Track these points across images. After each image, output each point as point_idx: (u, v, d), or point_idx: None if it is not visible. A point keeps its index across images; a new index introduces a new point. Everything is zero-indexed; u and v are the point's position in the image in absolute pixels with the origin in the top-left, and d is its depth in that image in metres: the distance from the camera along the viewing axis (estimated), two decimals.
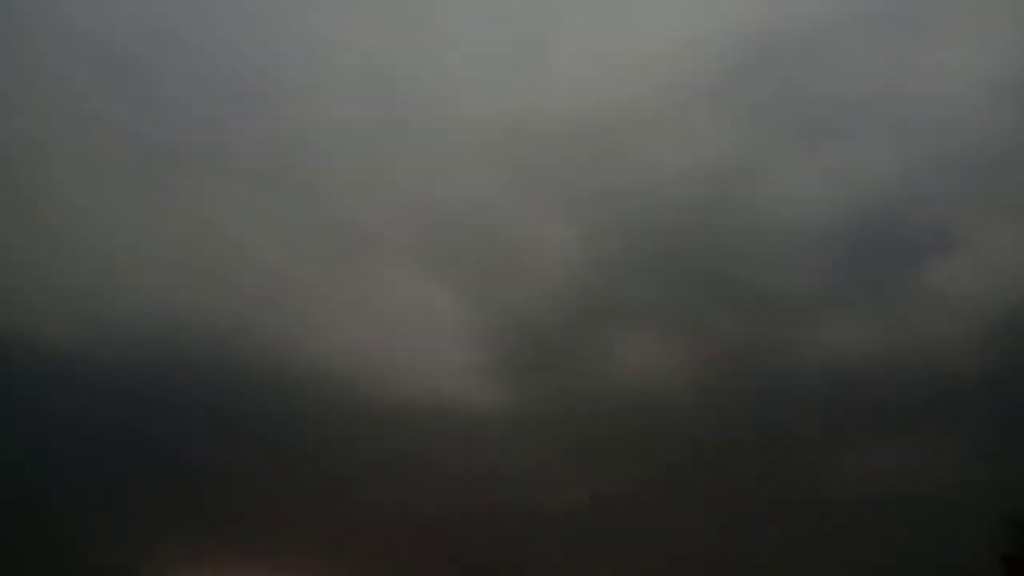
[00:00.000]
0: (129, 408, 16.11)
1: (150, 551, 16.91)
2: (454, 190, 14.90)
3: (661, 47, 14.01)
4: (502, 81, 14.09)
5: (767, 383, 16.08)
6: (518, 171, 14.90)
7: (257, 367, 16.01)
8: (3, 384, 15.40)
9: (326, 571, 17.41)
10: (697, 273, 15.57)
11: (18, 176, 14.00)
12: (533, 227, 15.43)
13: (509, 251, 15.58)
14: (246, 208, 14.62)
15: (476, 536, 17.30)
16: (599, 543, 17.32)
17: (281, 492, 16.98)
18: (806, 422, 16.29)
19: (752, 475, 16.76)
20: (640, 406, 16.30)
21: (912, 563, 16.50)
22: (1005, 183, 14.79)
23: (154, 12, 12.74)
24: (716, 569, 16.87)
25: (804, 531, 17.06)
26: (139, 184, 14.23)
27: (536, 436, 16.91)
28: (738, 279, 15.57)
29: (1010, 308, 15.36)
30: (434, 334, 16.18)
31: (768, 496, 16.80)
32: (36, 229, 14.53)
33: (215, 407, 16.29)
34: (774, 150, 14.70)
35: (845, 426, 16.37)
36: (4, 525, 16.01)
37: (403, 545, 17.50)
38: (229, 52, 13.14)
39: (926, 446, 16.68)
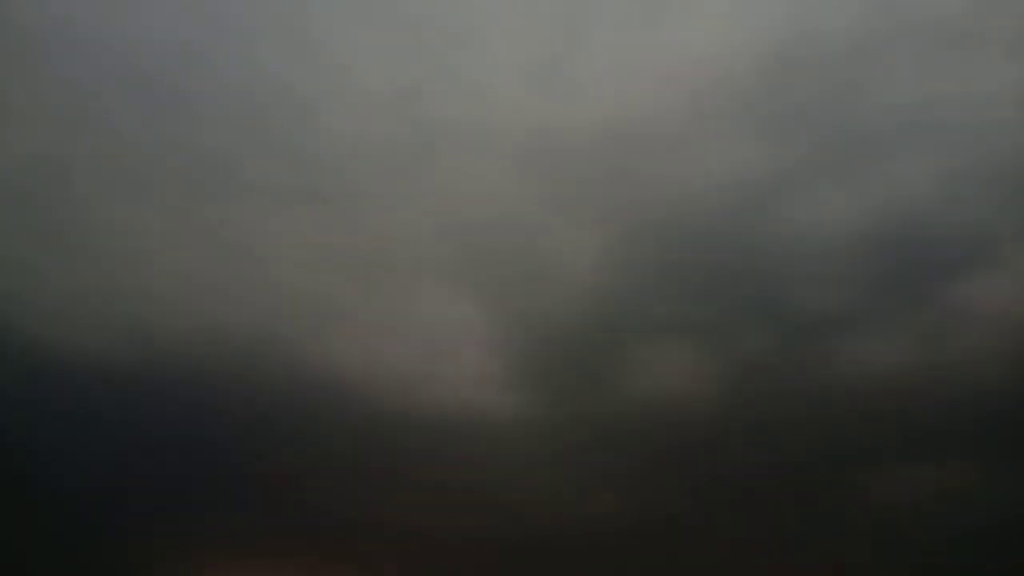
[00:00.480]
0: (155, 413, 16.28)
1: (164, 554, 17.10)
2: (478, 203, 14.85)
3: (688, 59, 13.84)
4: (528, 95, 13.99)
5: (795, 399, 15.95)
6: (543, 184, 14.81)
7: (278, 376, 16.11)
8: (32, 387, 15.63)
9: None
10: (724, 287, 15.43)
11: (45, 189, 14.12)
12: (558, 239, 15.35)
13: (534, 263, 15.52)
14: (272, 223, 14.67)
15: (493, 544, 17.35)
16: (620, 556, 17.29)
17: (300, 500, 17.12)
18: (836, 439, 16.15)
19: (779, 491, 16.65)
20: (666, 422, 16.23)
21: None
22: None
23: (179, 29, 12.77)
24: None
25: (833, 547, 16.94)
26: (164, 197, 14.32)
27: (558, 447, 16.89)
28: (766, 293, 15.41)
29: None
30: (460, 346, 16.19)
31: (796, 513, 16.69)
32: (62, 240, 14.70)
33: (237, 415, 16.43)
34: (803, 163, 14.49)
35: (876, 443, 16.22)
36: (20, 524, 16.25)
37: (421, 553, 17.58)
38: (255, 69, 13.15)
39: (961, 463, 16.49)
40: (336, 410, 16.47)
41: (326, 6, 12.88)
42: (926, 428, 16.00)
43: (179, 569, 17.18)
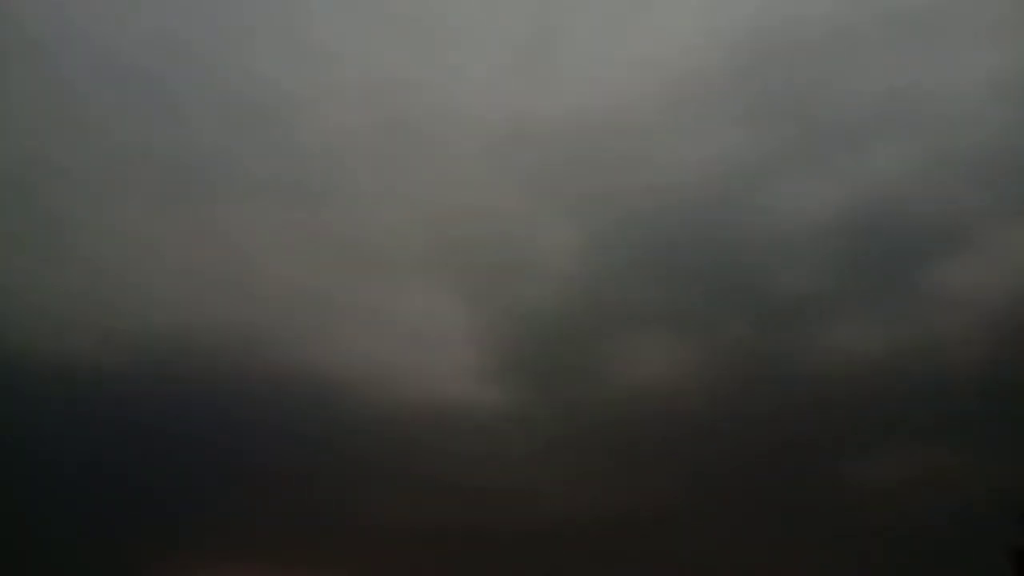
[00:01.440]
0: (143, 413, 16.20)
1: (157, 554, 16.99)
2: (462, 196, 14.93)
3: (667, 49, 14.00)
4: (508, 86, 14.10)
5: (775, 384, 16.06)
6: (525, 175, 14.92)
7: (267, 374, 16.10)
8: (23, 391, 15.52)
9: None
10: (705, 276, 15.56)
11: (36, 191, 14.11)
12: (540, 231, 15.46)
13: (517, 255, 15.61)
14: (258, 219, 14.70)
15: (478, 535, 17.32)
16: (605, 544, 17.30)
17: (290, 498, 17.05)
18: (818, 424, 16.25)
19: (764, 477, 16.72)
20: (649, 410, 16.30)
21: (924, 558, 16.44)
22: (1014, 183, 14.75)
23: (168, 29, 12.84)
24: (727, 574, 16.85)
25: (816, 530, 17.02)
26: (153, 197, 14.34)
27: (542, 437, 16.91)
28: (747, 281, 15.55)
29: (1020, 307, 15.32)
30: (442, 339, 16.24)
31: (781, 498, 16.75)
32: (53, 242, 14.63)
33: (225, 414, 16.38)
34: (783, 151, 14.67)
35: (857, 427, 16.34)
36: (17, 527, 16.10)
37: (409, 550, 17.52)
38: (241, 67, 13.22)
39: (937, 444, 16.63)
40: (321, 405, 16.46)
41: (312, 3, 12.99)
42: (906, 411, 16.16)
43: (174, 569, 17.08)
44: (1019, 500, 14.93)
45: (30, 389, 15.53)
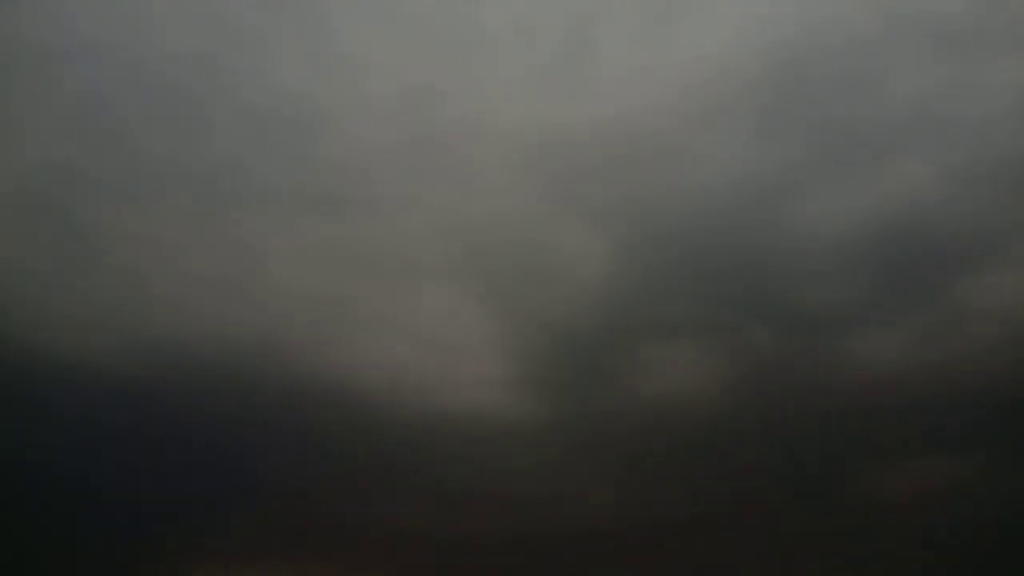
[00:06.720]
0: (165, 418, 16.29)
1: (172, 561, 17.09)
2: (486, 205, 14.89)
3: (694, 59, 13.91)
4: (534, 96, 14.05)
5: (801, 396, 16.03)
6: (550, 185, 14.86)
7: (287, 382, 16.13)
8: (37, 394, 15.63)
9: None
10: (731, 286, 15.49)
11: (59, 198, 14.15)
12: (566, 241, 15.40)
13: (541, 264, 15.57)
14: (282, 229, 14.70)
15: (502, 545, 17.37)
16: (629, 561, 17.32)
17: (308, 507, 17.13)
18: (843, 436, 16.23)
19: (789, 487, 16.71)
20: (673, 421, 16.30)
21: (950, 571, 16.40)
22: None
23: (193, 39, 12.83)
24: None
25: (840, 541, 17.00)
26: (179, 206, 14.36)
27: (566, 447, 16.94)
28: (773, 292, 15.48)
29: None
30: (466, 347, 16.23)
31: (805, 512, 16.75)
32: (76, 249, 14.72)
33: (244, 421, 16.45)
34: (808, 160, 14.57)
35: (883, 439, 16.31)
36: (22, 530, 16.24)
37: (431, 557, 17.59)
38: (267, 79, 13.22)
39: (968, 458, 16.57)
40: (345, 413, 16.50)
41: (337, 13, 12.96)
42: (932, 424, 16.09)
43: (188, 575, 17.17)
44: None
45: (49, 394, 15.63)
